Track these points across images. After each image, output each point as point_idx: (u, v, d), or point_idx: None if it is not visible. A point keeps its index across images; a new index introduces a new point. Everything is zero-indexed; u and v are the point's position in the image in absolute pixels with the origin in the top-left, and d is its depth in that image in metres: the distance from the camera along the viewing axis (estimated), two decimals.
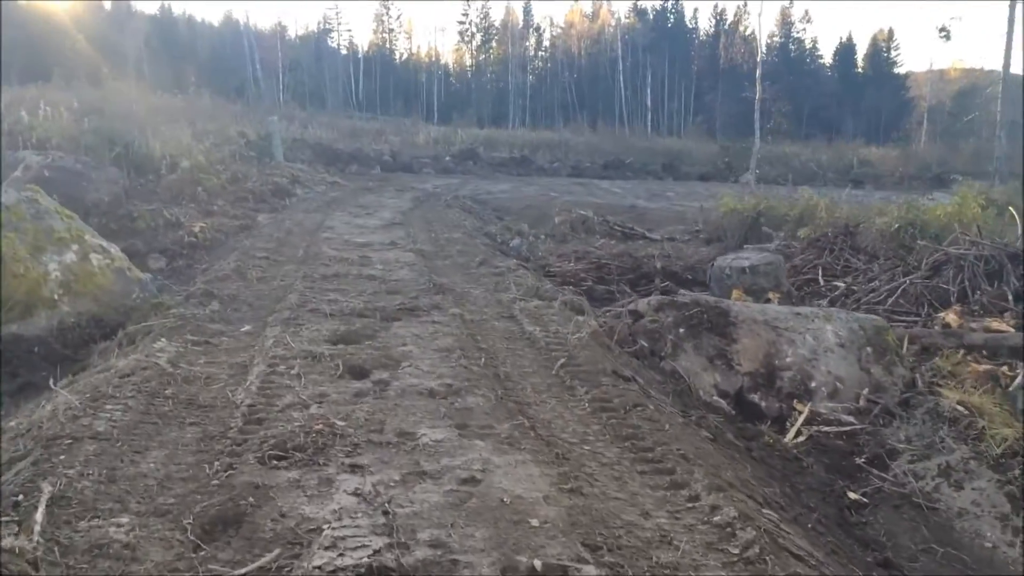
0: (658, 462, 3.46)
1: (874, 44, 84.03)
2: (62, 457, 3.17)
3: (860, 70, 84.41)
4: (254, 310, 6.01)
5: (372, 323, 5.52)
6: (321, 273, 7.66)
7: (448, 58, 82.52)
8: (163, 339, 5.04)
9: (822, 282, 10.14)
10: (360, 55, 75.32)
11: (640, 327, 5.78)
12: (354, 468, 3.17)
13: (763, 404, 5.39)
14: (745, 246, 13.06)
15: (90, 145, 15.23)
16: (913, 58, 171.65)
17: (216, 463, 3.20)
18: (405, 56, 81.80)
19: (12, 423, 3.80)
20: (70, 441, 3.33)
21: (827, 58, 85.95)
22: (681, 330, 5.62)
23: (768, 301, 6.88)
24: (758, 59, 26.88)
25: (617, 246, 13.39)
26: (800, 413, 5.23)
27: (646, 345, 5.63)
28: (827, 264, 10.58)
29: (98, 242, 7.07)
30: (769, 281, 7.48)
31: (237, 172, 18.81)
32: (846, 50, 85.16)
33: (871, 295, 8.97)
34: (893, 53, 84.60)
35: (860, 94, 75.29)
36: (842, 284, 9.72)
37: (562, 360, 4.86)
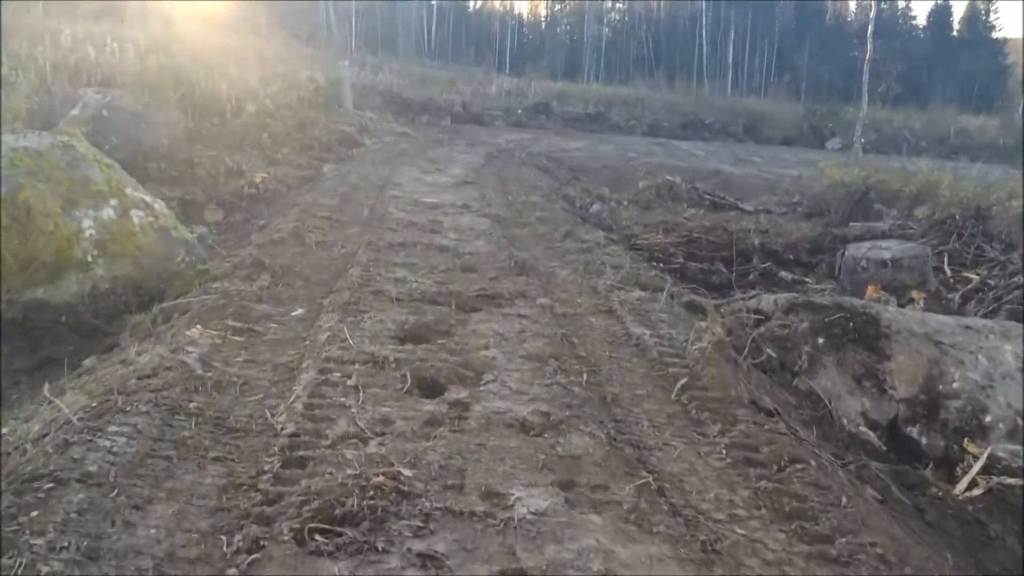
0: (844, 563, 2.47)
1: (972, 6, 79.26)
2: (34, 514, 2.33)
3: (956, 33, 79.93)
4: (309, 287, 5.14)
5: (446, 313, 4.60)
6: (387, 241, 6.75)
7: (522, 8, 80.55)
8: (199, 324, 4.19)
9: (948, 272, 8.88)
10: (434, 3, 73.91)
11: (767, 332, 4.74)
12: (425, 561, 2.25)
13: (923, 440, 4.33)
14: (852, 223, 11.79)
15: (155, 84, 14.54)
16: (1013, 23, 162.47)
17: (237, 537, 2.32)
18: (479, 5, 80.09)
19: None
20: (51, 485, 2.49)
21: (921, 19, 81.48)
22: (820, 340, 4.56)
23: (912, 302, 5.74)
24: (871, 14, 24.66)
25: (707, 217, 12.21)
26: (974, 457, 4.15)
27: (775, 356, 4.59)
28: (954, 251, 9.29)
29: (141, 196, 6.26)
30: (913, 277, 6.33)
31: (305, 118, 18.04)
32: (941, 11, 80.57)
33: (1015, 292, 7.72)
34: (992, 16, 79.77)
35: (954, 59, 71.21)
36: (975, 276, 8.46)
37: (683, 380, 3.86)
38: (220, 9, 31.06)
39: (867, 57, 20.83)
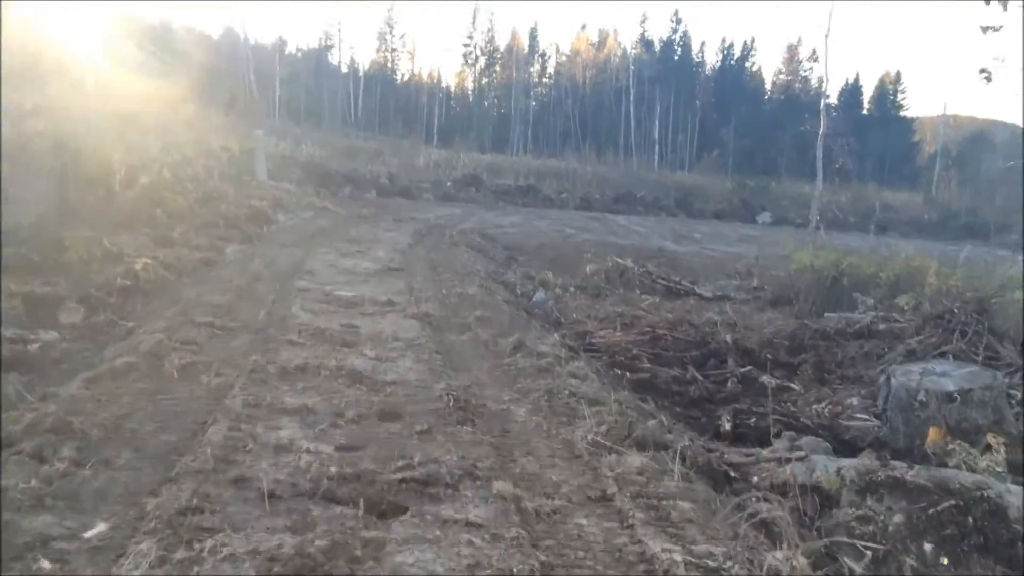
0: None
1: (881, 86, 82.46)
2: None
3: (866, 112, 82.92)
4: (135, 469, 3.31)
5: (348, 526, 2.83)
6: (281, 364, 5.00)
7: (450, 80, 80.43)
8: None
9: None
10: (361, 73, 73.03)
11: (841, 525, 3.15)
12: None
13: None
14: (826, 314, 10.51)
15: (33, 152, 12.58)
16: (920, 102, 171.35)
17: None
18: (407, 76, 79.60)
19: None
20: None
21: (833, 98, 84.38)
22: (927, 546, 2.99)
23: (988, 449, 4.26)
24: (824, 90, 24.12)
25: (665, 305, 10.82)
26: None
27: (858, 573, 2.98)
28: (959, 351, 7.97)
29: None
30: (986, 415, 4.86)
31: (211, 191, 16.21)
32: (852, 91, 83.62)
33: None
34: (900, 96, 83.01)
35: (865, 136, 73.48)
36: None
37: None
38: (128, 75, 29.17)
39: (820, 132, 20.03)
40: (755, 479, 3.75)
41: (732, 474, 3.78)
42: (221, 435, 3.58)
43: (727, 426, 6.40)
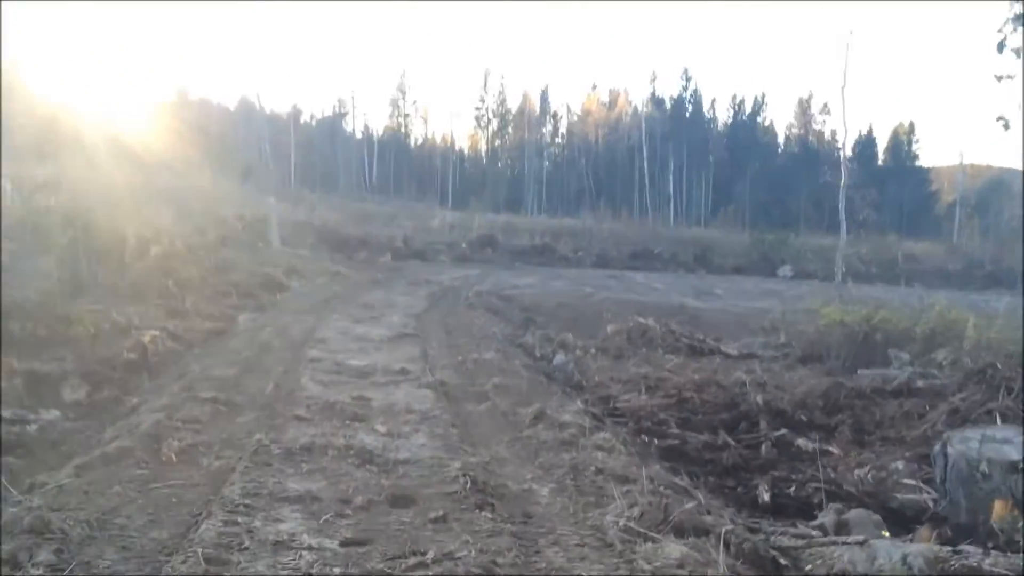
0: None
1: (895, 137, 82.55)
2: None
3: (881, 163, 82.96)
4: (120, 571, 2.96)
5: None
6: (287, 443, 4.67)
7: (463, 143, 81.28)
8: None
9: None
10: (375, 139, 74.00)
11: None
12: None
13: None
14: (860, 371, 10.09)
15: (42, 226, 12.53)
16: (935, 152, 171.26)
17: None
18: (420, 141, 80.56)
19: None
20: None
21: (847, 150, 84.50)
22: None
23: None
24: (842, 142, 23.93)
25: (689, 365, 10.41)
26: None
27: None
28: (1006, 409, 7.52)
29: None
30: None
31: (224, 260, 16.12)
32: (866, 142, 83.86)
33: None
34: (914, 146, 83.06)
35: (882, 187, 73.31)
36: None
37: None
38: (142, 147, 29.48)
39: (842, 183, 19.79)
40: (808, 567, 3.35)
41: (782, 561, 3.39)
42: (215, 531, 3.23)
43: (766, 496, 5.99)
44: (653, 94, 77.16)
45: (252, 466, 4.22)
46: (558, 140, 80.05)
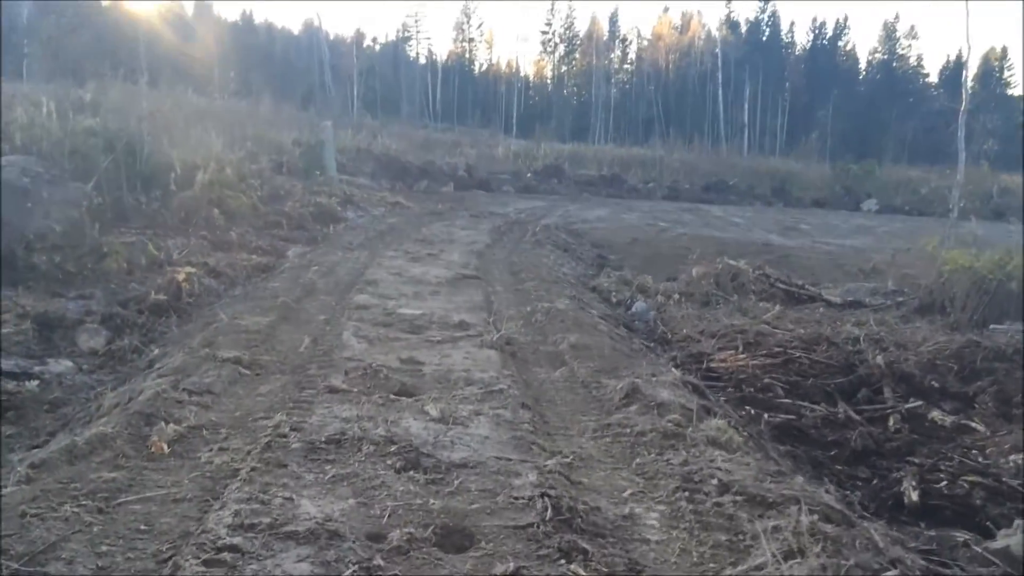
0: None
1: (986, 63, 77.38)
2: None
3: (970, 90, 77.73)
4: None
5: None
6: (312, 429, 3.63)
7: (528, 69, 78.90)
8: None
9: None
10: (438, 65, 72.21)
11: None
12: None
13: None
14: (992, 326, 8.68)
15: (80, 149, 11.67)
16: None
17: None
18: (484, 67, 78.49)
19: None
20: None
21: (933, 76, 79.66)
22: None
23: None
24: (965, 60, 21.72)
25: (788, 315, 9.10)
26: None
27: None
28: None
29: None
30: None
31: (278, 188, 15.18)
32: (955, 69, 78.79)
33: None
34: (1007, 73, 77.81)
35: (969, 116, 68.75)
36: None
37: None
38: (199, 67, 28.68)
39: (962, 108, 17.81)
40: None
41: None
42: None
43: (914, 496, 4.78)
44: (728, 17, 73.53)
45: (260, 468, 3.18)
46: (627, 66, 77.15)
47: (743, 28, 73.60)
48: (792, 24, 76.91)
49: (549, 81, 77.89)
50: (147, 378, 4.62)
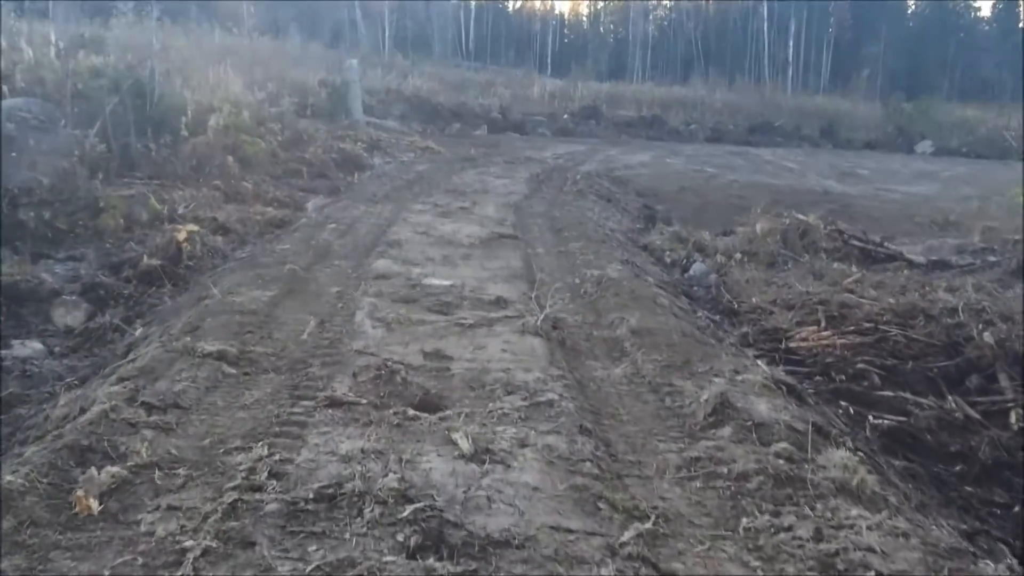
0: None
1: None
2: None
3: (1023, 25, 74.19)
4: None
5: None
6: (298, 476, 2.67)
7: (563, 6, 76.43)
8: None
9: None
10: (472, 2, 69.97)
11: None
12: None
13: None
14: None
15: (81, 91, 10.70)
16: None
17: None
18: (519, 4, 76.01)
19: None
20: None
21: (985, 11, 75.84)
22: None
23: None
24: None
25: (869, 279, 7.94)
26: None
27: None
28: None
29: None
30: None
31: (300, 133, 14.14)
32: (1008, 6, 74.88)
33: None
34: None
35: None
36: None
37: None
38: (244, 11, 27.39)
39: None
40: None
41: None
42: None
43: None
44: None
45: (216, 550, 2.21)
46: (665, 2, 74.25)
47: None
48: None
49: (585, 19, 75.40)
50: (107, 379, 3.68)
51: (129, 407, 3.18)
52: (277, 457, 2.81)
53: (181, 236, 7.13)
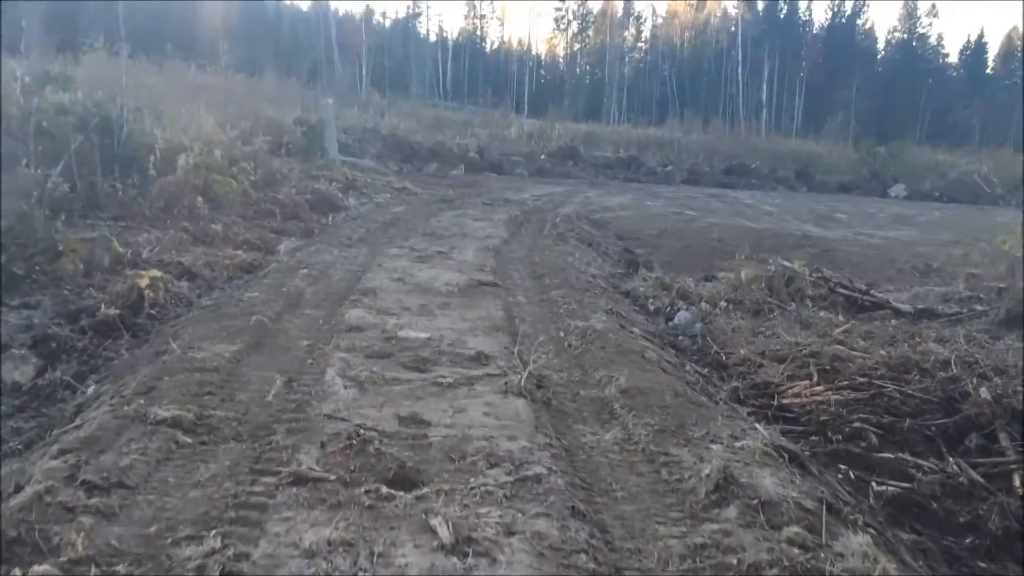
0: None
1: (1008, 43, 75.26)
2: None
3: (990, 71, 76.04)
4: None
5: None
6: (258, 573, 2.34)
7: (541, 48, 77.19)
8: None
9: None
10: (449, 42, 70.48)
11: None
12: None
13: None
14: None
15: (46, 128, 10.37)
16: None
17: None
18: (496, 44, 76.76)
19: None
20: None
21: (953, 56, 77.70)
22: None
23: None
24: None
25: (857, 328, 7.73)
26: None
27: None
28: None
29: None
30: None
31: (273, 172, 13.85)
32: (976, 49, 76.80)
33: None
34: None
35: (990, 97, 66.72)
36: None
37: None
38: (199, 42, 27.20)
39: None
40: None
41: None
42: None
43: None
44: None
45: None
46: (641, 44, 75.25)
47: (760, 6, 71.63)
48: (809, 1, 74.70)
49: (562, 60, 76.15)
50: (49, 449, 3.33)
51: (67, 487, 2.84)
52: (231, 552, 2.47)
53: (143, 283, 6.78)
